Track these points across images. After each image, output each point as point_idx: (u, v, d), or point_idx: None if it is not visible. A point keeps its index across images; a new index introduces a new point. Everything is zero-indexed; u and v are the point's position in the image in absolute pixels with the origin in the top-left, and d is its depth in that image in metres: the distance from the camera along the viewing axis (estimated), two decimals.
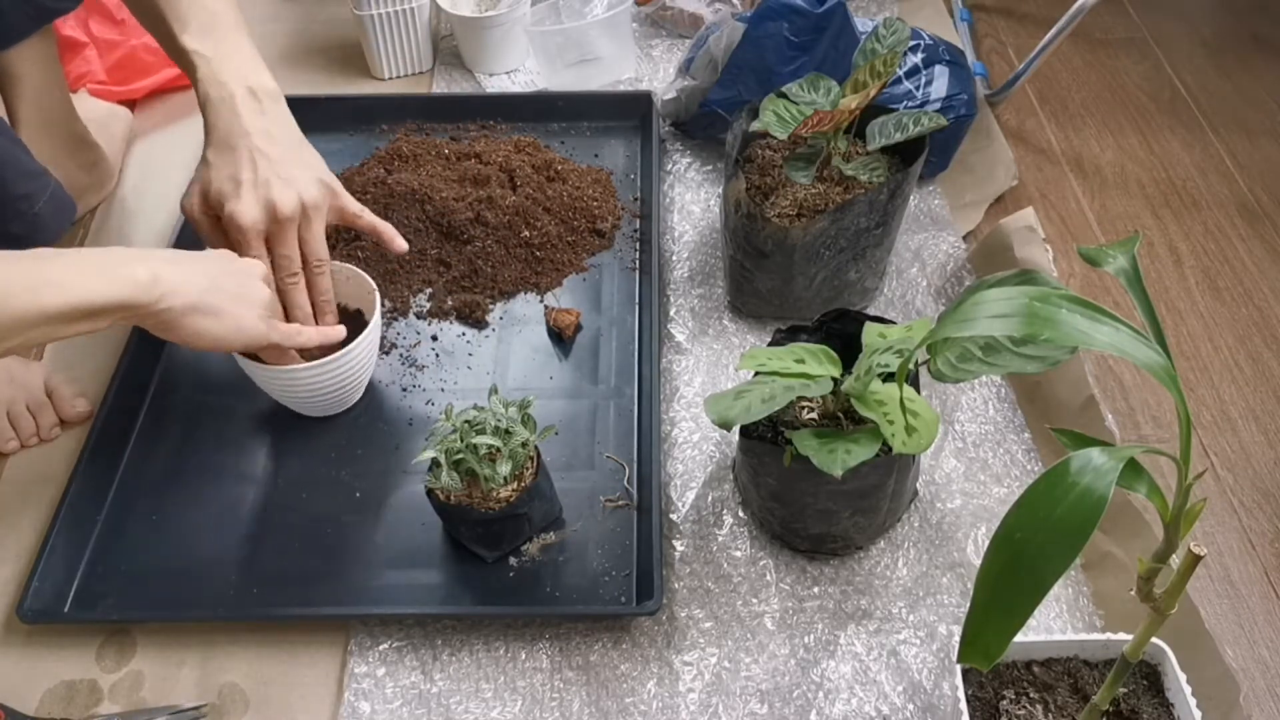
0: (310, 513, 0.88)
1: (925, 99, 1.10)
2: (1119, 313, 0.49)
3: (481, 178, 1.10)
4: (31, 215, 0.87)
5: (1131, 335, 0.46)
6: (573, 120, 1.23)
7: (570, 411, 0.94)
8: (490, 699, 0.78)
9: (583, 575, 0.83)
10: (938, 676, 0.79)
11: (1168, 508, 0.51)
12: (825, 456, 0.68)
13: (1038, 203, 1.17)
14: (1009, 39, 1.42)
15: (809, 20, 1.06)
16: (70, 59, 1.24)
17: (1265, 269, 1.10)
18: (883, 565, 0.85)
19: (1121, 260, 0.55)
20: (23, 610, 0.80)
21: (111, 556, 0.85)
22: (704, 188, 1.18)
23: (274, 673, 0.79)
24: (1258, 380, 1.00)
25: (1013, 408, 0.96)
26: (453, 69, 1.35)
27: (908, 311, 1.04)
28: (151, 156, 1.23)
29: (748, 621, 0.82)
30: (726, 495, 0.89)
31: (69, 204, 0.92)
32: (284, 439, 0.93)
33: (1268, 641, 0.81)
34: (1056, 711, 0.67)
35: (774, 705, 0.77)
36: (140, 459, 0.92)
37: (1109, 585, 0.82)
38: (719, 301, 1.05)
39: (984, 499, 0.89)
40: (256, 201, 0.81)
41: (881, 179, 0.91)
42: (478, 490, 0.78)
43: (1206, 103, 1.31)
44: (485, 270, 1.04)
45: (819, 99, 0.92)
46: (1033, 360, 0.68)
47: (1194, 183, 1.21)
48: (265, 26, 1.43)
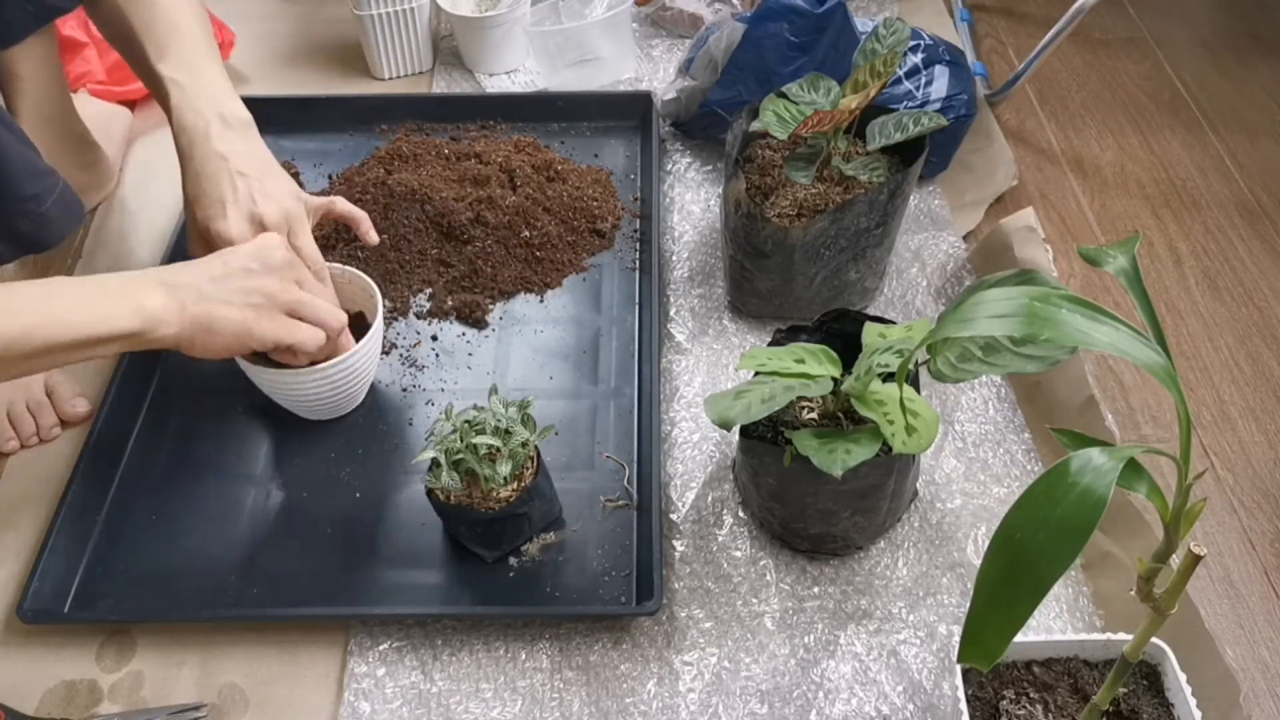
0: (310, 513, 0.88)
1: (925, 99, 1.10)
2: (1119, 313, 0.49)
3: (481, 178, 1.10)
4: (39, 214, 0.88)
5: (1131, 335, 0.46)
6: (573, 120, 1.23)
7: (570, 411, 0.94)
8: (490, 699, 0.78)
9: (583, 575, 0.83)
10: (938, 676, 0.79)
11: (1168, 508, 0.51)
12: (825, 456, 0.68)
13: (1038, 203, 1.17)
14: (1009, 39, 1.42)
15: (809, 21, 1.06)
16: (70, 59, 1.24)
17: (1265, 269, 1.10)
18: (883, 565, 0.85)
19: (1121, 260, 0.55)
20: (23, 610, 0.80)
21: (111, 556, 0.85)
22: (704, 188, 1.18)
23: (274, 673, 0.79)
24: (1258, 380, 1.00)
25: (1013, 408, 0.96)
26: (453, 69, 1.35)
27: (908, 311, 1.04)
28: (151, 156, 1.23)
29: (748, 621, 0.82)
30: (726, 495, 0.89)
31: (76, 204, 0.93)
32: (284, 439, 0.93)
33: (1268, 641, 0.81)
34: (1056, 711, 0.67)
35: (774, 705, 0.77)
36: (140, 459, 0.92)
37: (1109, 585, 0.82)
38: (719, 301, 1.05)
39: (984, 499, 0.89)
40: (243, 217, 0.82)
41: (881, 179, 0.91)
42: (478, 490, 0.78)
43: (1206, 103, 1.31)
44: (485, 270, 1.04)
45: (819, 99, 0.92)
46: (1033, 360, 0.68)
47: (1194, 183, 1.21)
48: (265, 26, 1.43)
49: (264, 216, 0.82)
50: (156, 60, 0.85)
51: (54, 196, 0.89)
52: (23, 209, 0.87)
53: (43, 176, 0.88)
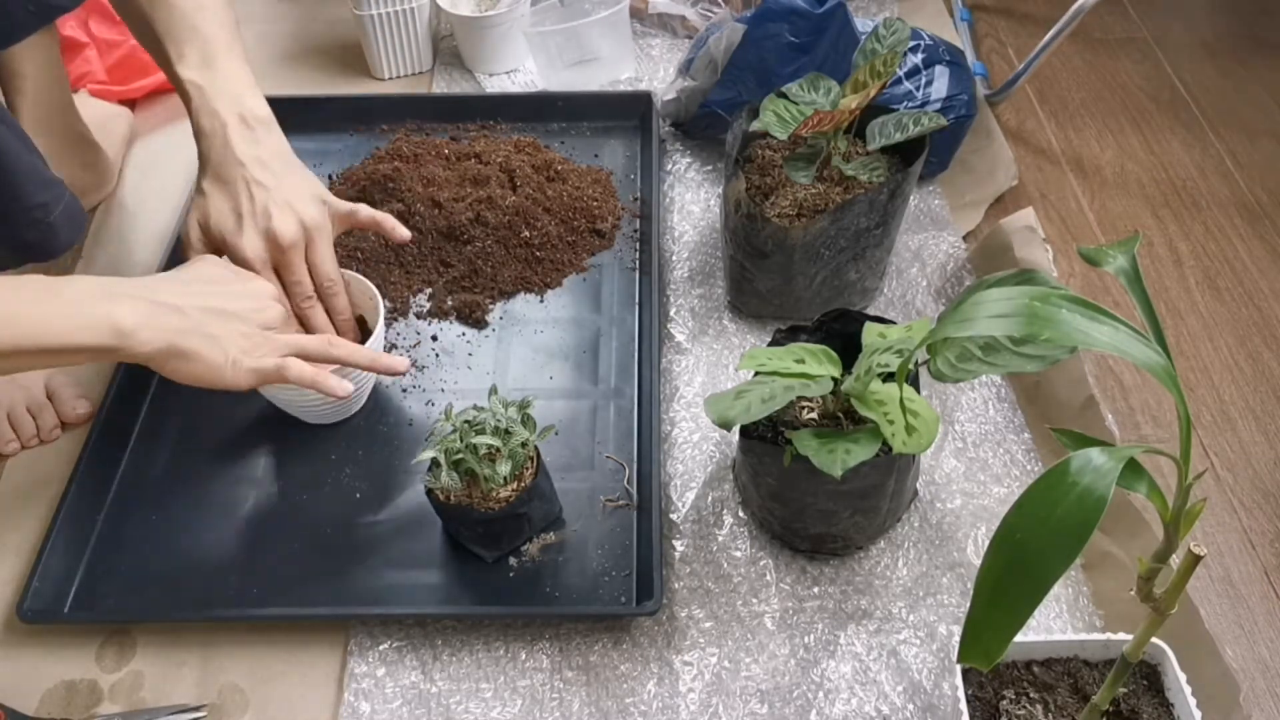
0: (310, 513, 0.88)
1: (925, 99, 1.10)
2: (1119, 313, 0.49)
3: (481, 178, 1.10)
4: (46, 224, 0.88)
5: (1131, 335, 0.46)
6: (573, 120, 1.23)
7: (570, 411, 0.94)
8: (490, 699, 0.78)
9: (583, 575, 0.83)
10: (938, 676, 0.79)
11: (1168, 508, 0.51)
12: (825, 456, 0.68)
13: (1038, 203, 1.17)
14: (1009, 39, 1.42)
15: (809, 21, 1.06)
16: (70, 59, 1.24)
17: (1265, 269, 1.10)
18: (883, 565, 0.85)
19: (1121, 260, 0.55)
20: (23, 610, 0.80)
21: (111, 556, 0.85)
22: (704, 188, 1.18)
23: (274, 673, 0.79)
24: (1258, 380, 1.00)
25: (1013, 408, 0.96)
26: (453, 69, 1.35)
27: (908, 311, 1.04)
28: (151, 156, 1.23)
29: (748, 621, 0.82)
30: (726, 495, 0.89)
31: (81, 214, 0.93)
32: (284, 440, 0.93)
33: (1268, 641, 0.81)
34: (1056, 711, 0.67)
35: (774, 705, 0.77)
36: (140, 459, 0.92)
37: (1109, 585, 0.82)
38: (719, 301, 1.05)
39: (984, 499, 0.89)
40: (258, 234, 0.82)
41: (881, 179, 0.91)
42: (478, 490, 0.78)
43: (1206, 103, 1.31)
44: (485, 270, 1.04)
45: (819, 99, 0.92)
46: (1033, 360, 0.68)
47: (1194, 183, 1.21)
48: (265, 26, 1.43)
49: (278, 234, 0.82)
50: (177, 63, 0.85)
51: (61, 206, 0.89)
52: (30, 218, 0.87)
53: (51, 186, 0.88)
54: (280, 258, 0.83)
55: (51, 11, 0.93)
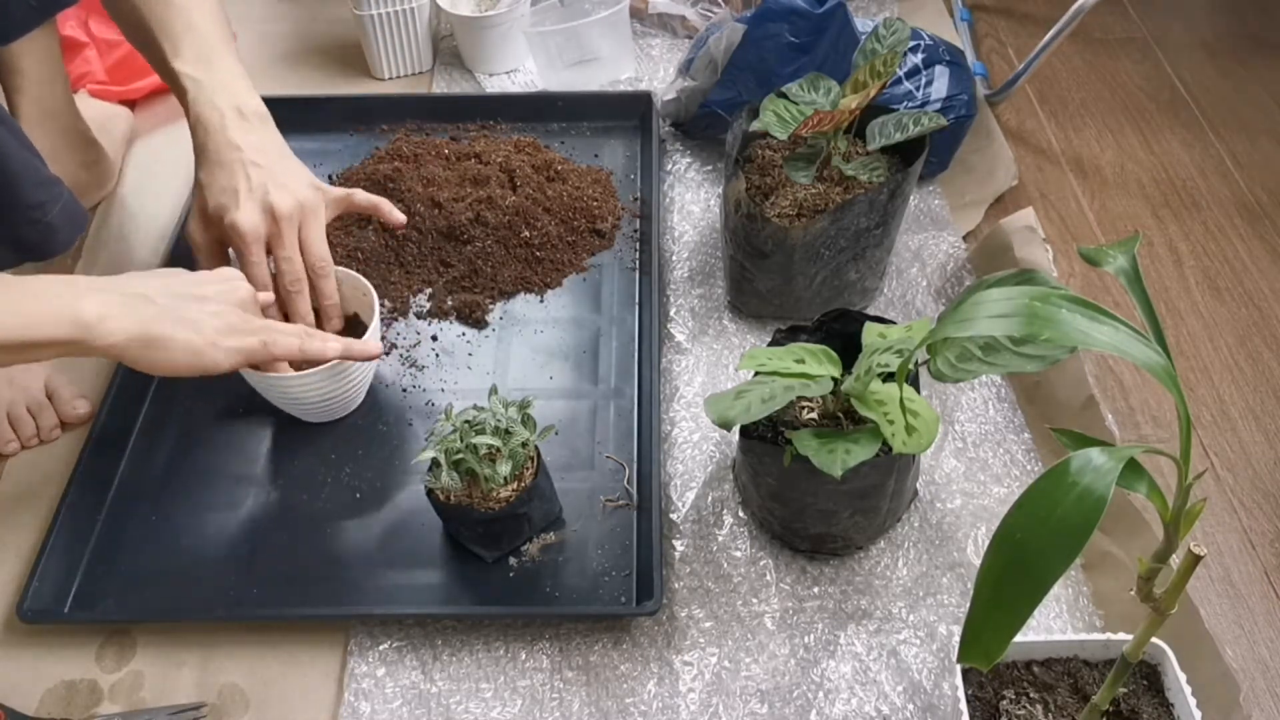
0: (310, 513, 0.88)
1: (925, 99, 1.10)
2: (1119, 313, 0.49)
3: (481, 178, 1.10)
4: (44, 224, 0.88)
5: (1131, 335, 0.46)
6: (573, 120, 1.23)
7: (570, 411, 0.94)
8: (490, 699, 0.78)
9: (583, 575, 0.83)
10: (938, 676, 0.79)
11: (1168, 508, 0.51)
12: (825, 456, 0.68)
13: (1038, 203, 1.17)
14: (1009, 39, 1.42)
15: (809, 21, 1.06)
16: (70, 59, 1.24)
17: (1265, 269, 1.10)
18: (883, 565, 0.85)
19: (1121, 260, 0.55)
20: (23, 610, 0.80)
21: (111, 556, 0.85)
22: (704, 188, 1.18)
23: (274, 673, 0.79)
24: (1258, 380, 1.00)
25: (1013, 408, 0.96)
26: (453, 69, 1.35)
27: (908, 311, 1.04)
28: (151, 156, 1.23)
29: (748, 621, 0.82)
30: (726, 495, 0.89)
31: (81, 214, 0.93)
32: (284, 440, 0.93)
33: (1268, 641, 0.81)
34: (1056, 711, 0.67)
35: (774, 705, 0.77)
36: (140, 459, 0.92)
37: (1109, 585, 0.82)
38: (719, 301, 1.05)
39: (984, 499, 0.89)
40: (256, 207, 0.83)
41: (881, 179, 0.91)
42: (478, 490, 0.78)
43: (1206, 103, 1.31)
44: (485, 270, 1.04)
45: (819, 99, 0.92)
46: (1033, 360, 0.68)
47: (1194, 183, 1.21)
48: (265, 26, 1.43)
49: (276, 206, 0.82)
50: (173, 58, 0.86)
51: (59, 206, 0.89)
52: (28, 217, 0.87)
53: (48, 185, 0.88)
54: (274, 232, 0.84)
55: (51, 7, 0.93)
